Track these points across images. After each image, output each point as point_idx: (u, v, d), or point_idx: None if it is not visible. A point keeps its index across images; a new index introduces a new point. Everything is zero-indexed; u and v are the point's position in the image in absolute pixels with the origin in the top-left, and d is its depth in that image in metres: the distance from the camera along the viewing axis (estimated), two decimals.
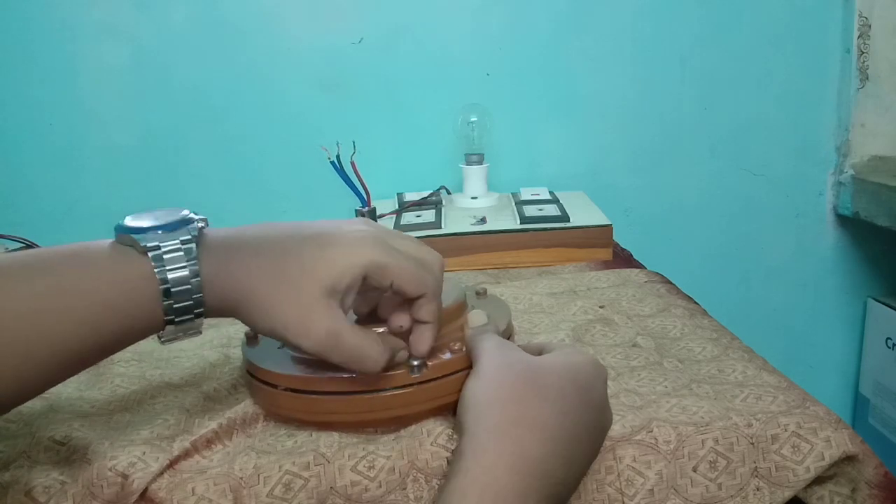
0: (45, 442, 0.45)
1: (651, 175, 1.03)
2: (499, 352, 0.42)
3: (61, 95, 0.94)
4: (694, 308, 0.62)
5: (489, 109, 0.91)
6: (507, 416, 0.37)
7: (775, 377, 0.48)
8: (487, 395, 0.39)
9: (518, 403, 0.38)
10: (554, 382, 0.39)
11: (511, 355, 0.41)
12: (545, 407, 0.38)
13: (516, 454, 0.36)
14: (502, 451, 0.36)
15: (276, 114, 0.97)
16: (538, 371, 0.40)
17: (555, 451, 0.37)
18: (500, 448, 0.36)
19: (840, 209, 1.05)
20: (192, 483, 0.40)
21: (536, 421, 0.37)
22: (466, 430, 0.38)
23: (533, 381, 0.39)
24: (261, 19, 0.94)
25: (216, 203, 0.99)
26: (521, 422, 0.37)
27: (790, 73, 1.01)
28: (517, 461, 0.36)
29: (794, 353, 1.12)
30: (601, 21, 0.98)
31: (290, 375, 0.44)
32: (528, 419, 0.37)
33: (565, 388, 0.39)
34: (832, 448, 0.42)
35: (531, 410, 0.37)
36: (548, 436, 0.37)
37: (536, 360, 0.41)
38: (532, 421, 0.37)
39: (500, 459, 0.36)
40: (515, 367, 0.40)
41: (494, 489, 0.35)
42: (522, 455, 0.36)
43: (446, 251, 0.77)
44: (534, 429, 0.37)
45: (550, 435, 0.37)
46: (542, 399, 0.38)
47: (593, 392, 0.40)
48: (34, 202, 0.97)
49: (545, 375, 0.39)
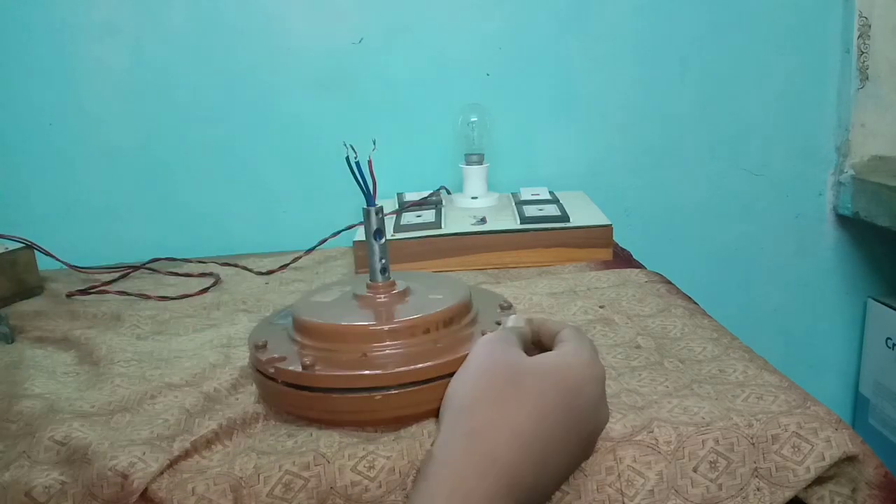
0: (45, 442, 0.45)
1: (651, 175, 1.03)
2: (488, 352, 0.42)
3: (61, 95, 0.94)
4: (694, 308, 0.62)
5: (489, 109, 0.91)
6: (482, 418, 0.37)
7: (776, 377, 0.48)
8: (466, 396, 0.39)
9: (494, 406, 0.38)
10: (535, 386, 0.39)
11: (500, 356, 0.41)
12: (521, 411, 0.37)
13: (487, 459, 0.36)
14: (473, 453, 0.36)
15: (276, 114, 0.97)
16: (521, 373, 0.39)
17: (527, 457, 0.37)
18: (472, 451, 0.36)
19: (840, 209, 1.05)
20: (192, 483, 0.40)
21: (511, 425, 0.37)
22: (442, 431, 0.38)
23: (513, 384, 0.39)
24: (260, 19, 0.94)
25: (216, 203, 0.99)
26: (495, 425, 0.37)
27: (790, 73, 1.01)
28: (487, 466, 0.35)
29: (794, 353, 1.12)
30: (601, 21, 0.98)
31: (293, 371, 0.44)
32: (502, 423, 0.37)
33: (547, 393, 0.39)
34: (832, 448, 0.42)
35: (507, 414, 0.37)
36: (521, 442, 0.37)
37: (525, 361, 0.41)
38: (506, 425, 0.37)
39: (470, 463, 0.36)
40: (499, 368, 0.40)
41: (462, 493, 0.34)
42: (493, 459, 0.36)
43: (446, 251, 0.77)
44: (507, 433, 0.37)
45: (524, 441, 0.37)
46: (520, 404, 0.38)
47: (581, 397, 0.40)
48: (34, 202, 0.97)
49: (527, 378, 0.39)
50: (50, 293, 0.78)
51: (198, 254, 0.91)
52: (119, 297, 0.75)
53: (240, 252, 0.94)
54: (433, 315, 0.46)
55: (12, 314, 0.70)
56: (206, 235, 0.98)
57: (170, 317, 0.69)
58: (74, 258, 0.83)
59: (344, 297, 0.50)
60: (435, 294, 0.50)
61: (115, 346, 0.60)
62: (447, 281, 0.54)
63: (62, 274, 0.85)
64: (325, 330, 0.46)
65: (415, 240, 0.77)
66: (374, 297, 0.49)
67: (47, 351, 0.61)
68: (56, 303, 0.75)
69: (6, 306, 0.74)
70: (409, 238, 0.77)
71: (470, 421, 0.38)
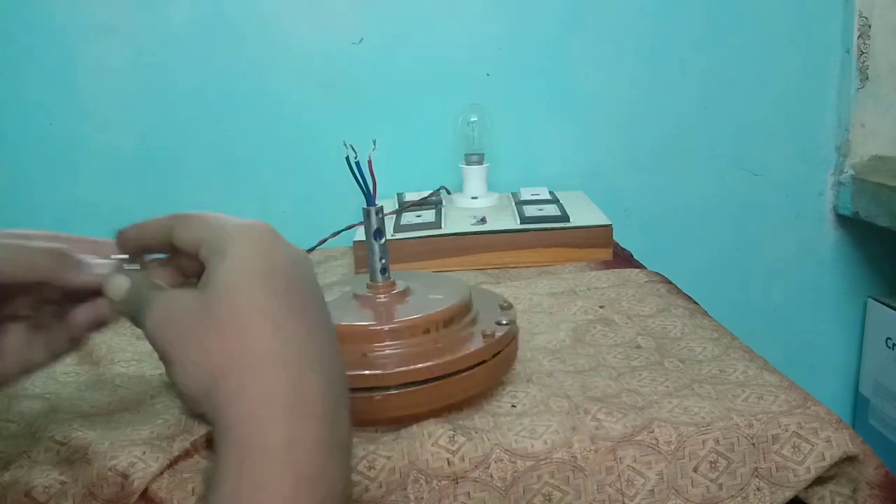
0: (45, 442, 0.45)
1: (651, 175, 1.03)
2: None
3: (61, 95, 0.94)
4: (694, 308, 0.62)
5: (489, 109, 0.90)
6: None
7: (776, 377, 0.48)
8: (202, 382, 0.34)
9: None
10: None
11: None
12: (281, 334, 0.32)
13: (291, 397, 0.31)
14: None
15: (276, 114, 0.97)
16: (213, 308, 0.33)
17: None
18: None
19: (840, 209, 1.05)
20: (192, 483, 0.40)
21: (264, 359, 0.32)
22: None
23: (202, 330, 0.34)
24: (260, 19, 0.94)
25: (216, 203, 0.99)
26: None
27: (790, 73, 1.01)
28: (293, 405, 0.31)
29: (794, 353, 1.12)
30: (601, 21, 0.98)
31: None
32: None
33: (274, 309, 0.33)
34: (833, 448, 0.42)
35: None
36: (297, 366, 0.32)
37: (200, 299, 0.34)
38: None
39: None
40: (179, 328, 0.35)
41: None
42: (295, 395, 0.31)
43: (446, 251, 0.77)
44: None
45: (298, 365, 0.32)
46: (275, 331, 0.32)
47: (298, 284, 0.35)
48: (34, 202, 0.97)
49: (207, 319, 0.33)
50: None
51: None
52: None
53: None
54: (433, 315, 0.46)
55: None
56: None
57: None
58: None
59: (344, 297, 0.50)
60: (435, 294, 0.50)
61: (115, 346, 0.60)
62: (447, 281, 0.54)
63: None
64: None
65: (415, 240, 0.77)
66: (374, 297, 0.49)
67: None
68: None
69: None
70: (409, 238, 0.77)
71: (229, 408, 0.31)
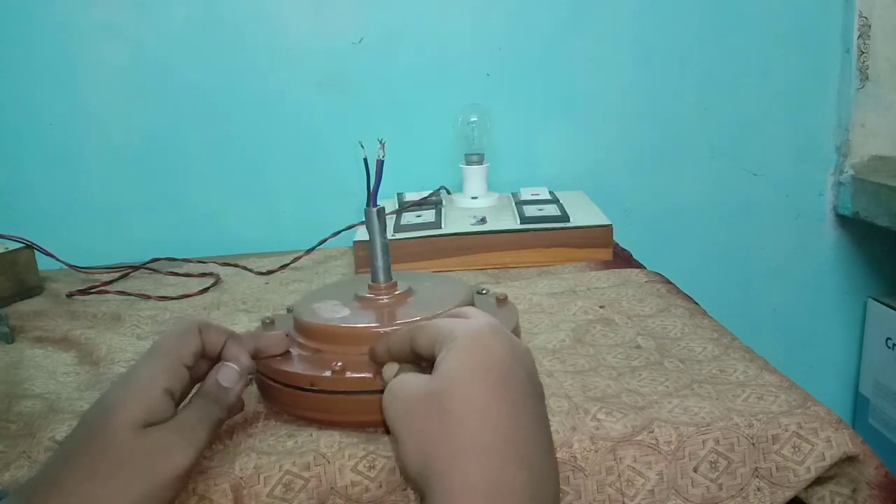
0: (45, 442, 0.45)
1: (651, 175, 1.03)
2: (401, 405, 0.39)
3: (61, 95, 0.94)
4: (694, 308, 0.62)
5: (489, 109, 0.90)
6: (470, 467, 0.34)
7: (776, 377, 0.48)
8: (436, 459, 0.35)
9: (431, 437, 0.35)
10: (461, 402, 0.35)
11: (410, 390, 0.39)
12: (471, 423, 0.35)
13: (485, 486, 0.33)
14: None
15: (276, 114, 0.97)
16: (440, 395, 0.36)
17: (512, 464, 0.34)
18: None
19: (840, 209, 1.05)
20: (192, 483, 0.40)
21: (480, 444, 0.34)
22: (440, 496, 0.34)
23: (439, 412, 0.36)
24: (260, 19, 0.94)
25: (216, 203, 0.99)
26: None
27: (790, 73, 1.01)
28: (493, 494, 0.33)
29: (794, 353, 1.12)
30: (601, 21, 0.98)
31: (294, 372, 0.44)
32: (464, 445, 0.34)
33: (482, 397, 0.36)
34: (833, 448, 0.42)
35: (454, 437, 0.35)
36: (497, 461, 0.34)
37: (434, 383, 0.37)
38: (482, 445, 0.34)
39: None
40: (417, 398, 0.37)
41: None
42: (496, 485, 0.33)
43: (446, 251, 0.77)
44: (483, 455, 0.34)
45: (500, 459, 0.34)
46: (459, 422, 0.35)
47: (513, 378, 0.37)
48: (34, 202, 0.97)
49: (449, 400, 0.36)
50: (50, 293, 0.78)
51: (198, 254, 0.91)
52: (119, 297, 0.75)
53: (240, 252, 0.94)
54: (435, 315, 0.46)
55: (12, 314, 0.70)
56: (206, 235, 0.98)
57: (170, 317, 0.69)
58: (74, 258, 0.83)
59: (345, 297, 0.50)
60: (436, 294, 0.50)
61: (115, 346, 0.60)
62: (448, 281, 0.54)
63: (62, 274, 0.85)
64: (326, 331, 0.46)
65: (415, 240, 0.77)
66: (376, 297, 0.49)
67: (47, 351, 0.61)
68: (56, 303, 0.75)
69: (6, 306, 0.74)
70: (409, 238, 0.77)
71: (465, 476, 0.34)
